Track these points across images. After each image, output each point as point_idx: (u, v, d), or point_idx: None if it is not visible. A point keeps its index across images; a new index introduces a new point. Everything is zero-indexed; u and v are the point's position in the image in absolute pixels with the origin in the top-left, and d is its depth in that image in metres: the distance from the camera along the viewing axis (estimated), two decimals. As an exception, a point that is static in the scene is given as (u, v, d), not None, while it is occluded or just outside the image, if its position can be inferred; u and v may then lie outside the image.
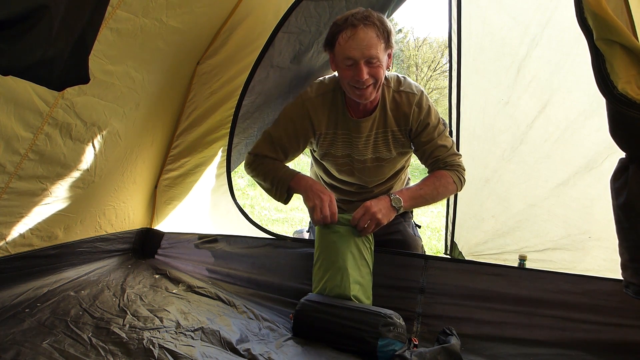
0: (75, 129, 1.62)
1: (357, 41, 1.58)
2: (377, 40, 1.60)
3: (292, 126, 1.85)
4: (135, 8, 1.53)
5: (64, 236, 1.89)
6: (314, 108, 1.82)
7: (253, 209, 5.62)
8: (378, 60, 1.61)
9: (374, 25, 1.59)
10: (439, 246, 4.21)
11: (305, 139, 1.87)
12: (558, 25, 2.16)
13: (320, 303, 1.59)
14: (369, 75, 1.62)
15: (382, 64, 1.64)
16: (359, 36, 1.58)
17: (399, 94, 1.80)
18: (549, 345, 1.61)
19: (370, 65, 1.61)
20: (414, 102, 1.79)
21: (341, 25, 1.62)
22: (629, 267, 1.26)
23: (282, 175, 1.81)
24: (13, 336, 1.37)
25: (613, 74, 1.11)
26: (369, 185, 2.00)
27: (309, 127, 1.83)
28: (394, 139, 1.85)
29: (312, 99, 1.83)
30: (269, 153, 1.89)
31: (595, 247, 2.34)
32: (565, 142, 2.32)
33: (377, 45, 1.60)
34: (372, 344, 1.42)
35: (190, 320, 1.58)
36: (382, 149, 1.87)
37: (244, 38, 2.21)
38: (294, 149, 1.89)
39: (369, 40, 1.58)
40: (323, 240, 1.72)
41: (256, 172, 1.91)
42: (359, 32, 1.58)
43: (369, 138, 1.84)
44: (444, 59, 15.12)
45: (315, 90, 1.85)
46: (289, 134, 1.86)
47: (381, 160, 1.90)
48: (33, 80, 0.92)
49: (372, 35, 1.59)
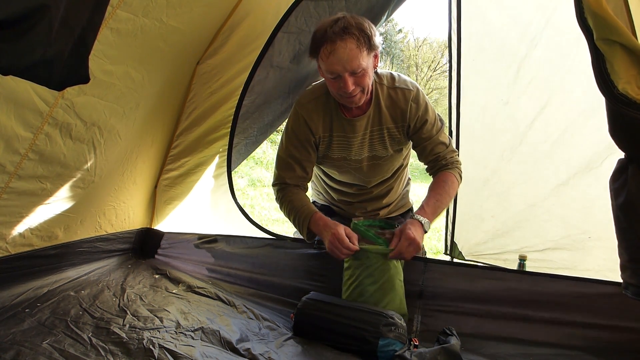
0: (75, 129, 1.62)
1: (338, 56, 1.56)
2: (358, 50, 1.57)
3: (295, 137, 1.86)
4: (135, 8, 1.53)
5: (64, 236, 1.89)
6: (308, 114, 1.82)
7: (253, 208, 5.63)
8: (362, 69, 1.60)
9: (352, 36, 1.56)
10: (439, 246, 4.21)
11: (310, 145, 1.87)
12: (558, 25, 2.17)
13: (322, 302, 1.60)
14: (355, 85, 1.61)
15: (368, 71, 1.63)
16: (339, 52, 1.56)
17: (394, 91, 1.80)
18: (548, 346, 1.61)
19: (355, 75, 1.60)
20: (411, 98, 1.78)
21: (320, 39, 1.59)
22: (628, 268, 1.26)
23: (301, 216, 1.82)
24: (13, 336, 1.37)
25: (613, 74, 1.11)
26: (368, 185, 2.00)
27: (308, 132, 1.84)
28: (389, 136, 1.84)
29: (304, 105, 1.84)
30: (287, 175, 1.88)
31: (595, 247, 2.34)
32: (565, 142, 2.32)
33: (359, 56, 1.57)
34: (373, 343, 1.42)
35: (190, 320, 1.58)
36: (378, 147, 1.87)
37: (244, 38, 2.21)
38: (306, 159, 1.88)
39: (348, 54, 1.56)
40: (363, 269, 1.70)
41: (282, 208, 1.92)
42: (338, 47, 1.55)
43: (365, 137, 1.84)
44: (444, 59, 15.14)
45: (307, 97, 1.86)
46: (296, 146, 1.86)
47: (377, 158, 1.90)
48: (33, 80, 0.93)
49: (351, 47, 1.55)
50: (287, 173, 1.89)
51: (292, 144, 1.87)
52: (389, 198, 2.09)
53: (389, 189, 2.06)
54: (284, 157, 1.89)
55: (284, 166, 1.89)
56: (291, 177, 1.88)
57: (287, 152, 1.88)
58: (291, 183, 1.89)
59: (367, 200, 2.06)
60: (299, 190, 1.90)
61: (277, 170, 1.93)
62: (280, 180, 1.91)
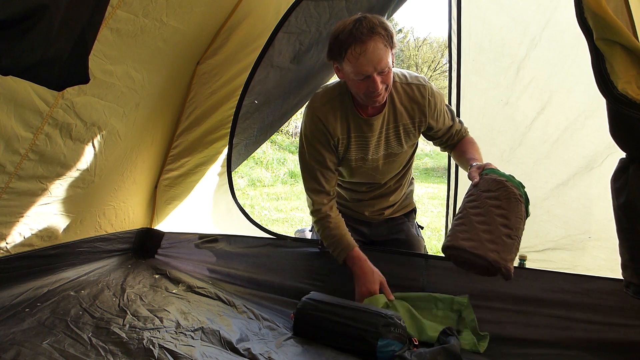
0: (75, 129, 1.62)
1: (368, 57, 1.54)
2: (385, 49, 1.56)
3: (316, 140, 1.81)
4: (135, 8, 1.53)
5: (64, 236, 1.89)
6: (324, 116, 1.79)
7: (253, 208, 5.63)
8: (388, 68, 1.60)
9: (380, 36, 1.55)
10: (439, 246, 4.21)
11: (331, 147, 1.84)
12: (557, 26, 2.16)
13: (322, 302, 1.60)
14: (382, 83, 1.61)
15: (392, 68, 1.63)
16: (369, 52, 1.53)
17: (409, 87, 1.79)
18: (548, 345, 1.60)
19: (382, 74, 1.60)
20: (427, 94, 1.79)
21: (347, 40, 1.56)
22: (629, 267, 1.26)
23: (339, 249, 1.82)
24: (13, 336, 1.37)
25: (613, 74, 1.10)
26: (381, 181, 2.00)
27: (327, 134, 1.80)
28: (405, 132, 1.84)
29: (320, 108, 1.80)
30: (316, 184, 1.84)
31: (595, 247, 2.33)
32: (565, 143, 2.32)
33: (387, 55, 1.57)
34: (372, 343, 1.42)
35: (190, 320, 1.58)
36: (394, 144, 1.86)
37: (244, 38, 2.21)
38: (331, 159, 1.84)
39: (379, 54, 1.54)
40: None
41: (320, 235, 1.90)
42: (368, 47, 1.53)
43: (381, 135, 1.83)
44: (444, 59, 15.13)
45: (321, 100, 1.82)
46: (317, 149, 1.82)
47: (393, 155, 1.89)
48: (33, 80, 0.93)
49: (380, 47, 1.54)
50: (318, 188, 1.84)
51: (314, 147, 1.82)
52: (396, 196, 2.08)
53: (398, 184, 2.05)
54: (309, 164, 1.84)
55: (311, 180, 1.85)
56: (320, 186, 1.84)
57: (310, 157, 1.83)
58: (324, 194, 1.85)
59: (377, 197, 2.05)
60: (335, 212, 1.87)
61: (307, 189, 1.88)
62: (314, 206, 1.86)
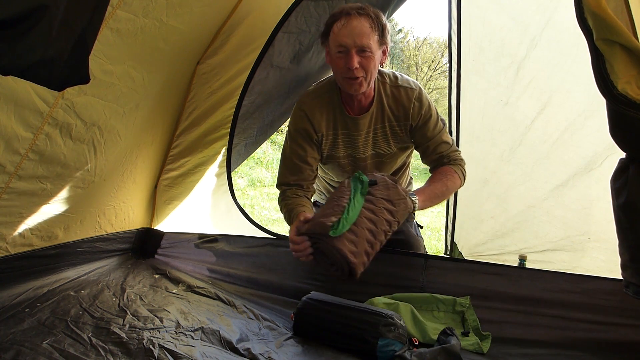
0: (75, 129, 1.62)
1: (350, 29, 1.61)
2: (370, 30, 1.61)
3: (297, 133, 1.85)
4: (135, 8, 1.53)
5: (64, 236, 1.89)
6: (311, 110, 1.82)
7: (253, 208, 5.62)
8: (370, 51, 1.62)
9: (368, 16, 1.62)
10: (439, 246, 4.21)
11: (313, 142, 1.86)
12: (557, 26, 2.16)
13: (322, 302, 1.60)
14: (360, 65, 1.62)
15: (374, 56, 1.64)
16: (352, 24, 1.61)
17: (397, 89, 1.81)
18: (548, 345, 1.60)
19: (362, 55, 1.62)
20: (414, 97, 1.79)
21: (336, 15, 1.65)
22: (629, 267, 1.26)
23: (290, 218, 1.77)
24: (13, 336, 1.37)
25: (613, 74, 1.11)
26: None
27: (310, 128, 1.83)
28: (392, 133, 1.85)
29: (307, 102, 1.84)
30: (290, 175, 1.85)
31: (595, 248, 2.33)
32: (565, 143, 2.32)
33: (370, 36, 1.61)
34: (372, 343, 1.42)
35: (190, 320, 1.58)
36: (382, 145, 1.87)
37: (244, 38, 2.21)
38: (311, 155, 1.85)
39: (361, 29, 1.60)
40: None
41: (281, 210, 1.87)
42: (352, 20, 1.61)
43: (368, 134, 1.84)
44: (444, 59, 15.11)
45: (309, 95, 1.87)
46: (298, 142, 1.85)
47: (381, 156, 1.90)
48: (33, 80, 0.92)
49: (365, 24, 1.61)
50: (290, 175, 1.86)
51: (295, 141, 1.85)
52: None
53: None
54: (288, 156, 1.87)
55: (287, 166, 1.88)
56: (295, 178, 1.86)
57: (290, 150, 1.87)
58: (294, 184, 1.86)
59: None
60: (301, 192, 1.86)
61: (280, 169, 1.91)
62: (281, 181, 1.89)
